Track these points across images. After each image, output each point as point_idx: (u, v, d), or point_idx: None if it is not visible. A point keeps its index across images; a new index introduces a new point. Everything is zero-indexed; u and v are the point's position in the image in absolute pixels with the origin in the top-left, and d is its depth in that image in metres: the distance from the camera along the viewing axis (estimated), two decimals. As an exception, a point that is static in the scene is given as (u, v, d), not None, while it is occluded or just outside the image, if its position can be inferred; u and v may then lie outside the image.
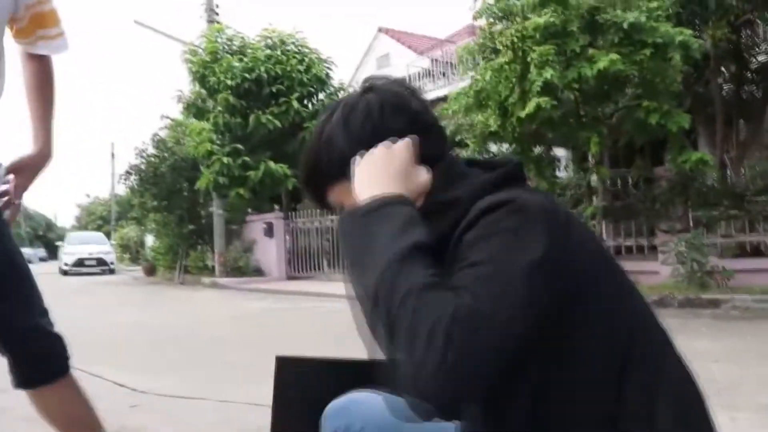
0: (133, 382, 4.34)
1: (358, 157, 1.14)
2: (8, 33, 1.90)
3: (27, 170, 1.96)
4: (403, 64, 22.32)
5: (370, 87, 1.22)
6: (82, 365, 4.82)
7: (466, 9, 9.79)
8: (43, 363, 1.93)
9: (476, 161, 1.23)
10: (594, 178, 10.65)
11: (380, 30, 27.85)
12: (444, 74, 20.09)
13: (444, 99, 11.82)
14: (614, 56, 8.16)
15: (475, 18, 9.81)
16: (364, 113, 1.17)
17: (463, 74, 10.67)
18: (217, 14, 19.17)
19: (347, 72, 26.71)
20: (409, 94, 1.21)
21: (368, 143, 1.14)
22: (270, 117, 15.74)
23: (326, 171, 1.21)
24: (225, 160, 15.68)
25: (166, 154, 18.47)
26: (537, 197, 1.03)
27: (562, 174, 12.41)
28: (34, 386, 1.94)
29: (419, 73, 21.03)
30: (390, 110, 1.17)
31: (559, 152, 12.42)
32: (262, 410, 2.24)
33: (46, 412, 2.00)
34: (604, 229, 10.69)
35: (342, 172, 1.17)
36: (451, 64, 18.41)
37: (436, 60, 21.01)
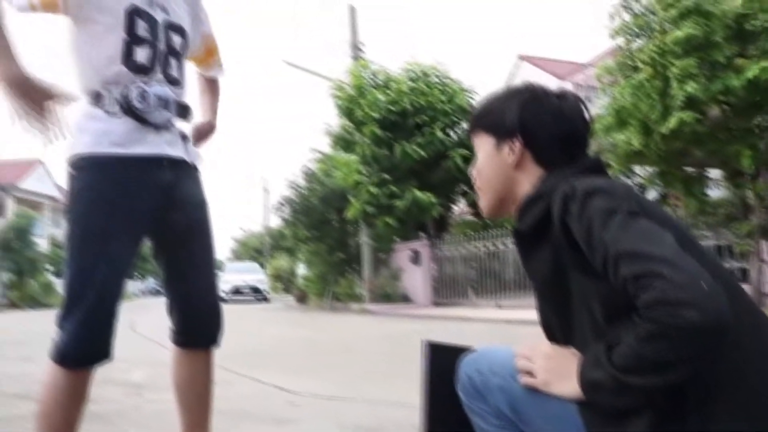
0: (290, 384, 4.69)
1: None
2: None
3: (200, 132, 2.48)
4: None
5: (558, 92, 1.52)
6: (245, 370, 5.30)
7: (603, 29, 9.69)
8: (206, 327, 2.25)
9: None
10: (749, 194, 10.13)
11: (521, 58, 27.84)
12: (587, 98, 19.75)
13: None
14: (766, 64, 7.82)
15: (612, 37, 9.71)
16: (538, 108, 1.48)
17: (603, 94, 10.53)
18: (361, 51, 19.90)
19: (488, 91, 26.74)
20: (583, 117, 1.50)
21: (525, 129, 1.46)
22: (415, 147, 16.05)
23: (488, 122, 1.53)
24: (372, 190, 16.16)
25: (316, 186, 19.29)
26: (610, 181, 1.31)
27: (713, 192, 11.89)
28: (190, 346, 2.25)
29: (562, 98, 20.71)
30: (558, 120, 1.46)
31: (711, 169, 11.93)
32: (410, 408, 2.37)
33: (180, 376, 2.26)
34: (764, 249, 10.12)
35: (491, 130, 1.51)
36: (594, 87, 18.11)
37: (579, 84, 20.70)
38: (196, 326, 2.24)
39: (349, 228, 19.42)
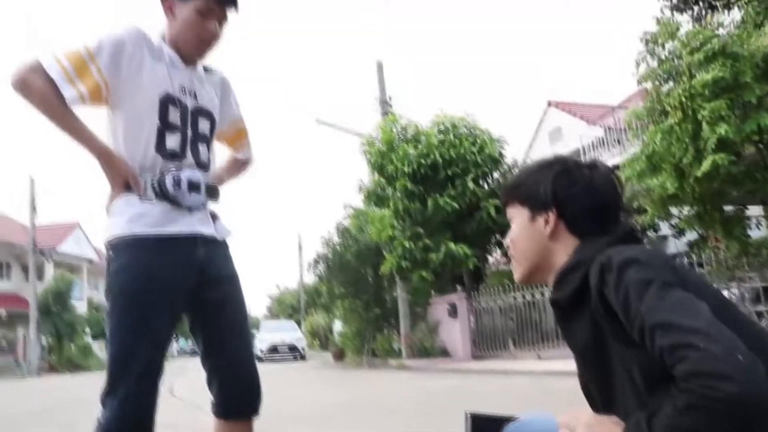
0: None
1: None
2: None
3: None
4: (575, 136, 22.02)
5: (593, 164, 1.56)
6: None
7: (631, 75, 9.70)
8: (246, 398, 2.29)
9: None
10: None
11: (550, 104, 27.88)
12: (619, 141, 19.67)
13: (619, 167, 11.64)
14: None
15: (640, 82, 9.71)
16: (571, 181, 1.50)
17: (634, 139, 10.48)
18: (390, 106, 20.10)
19: (520, 148, 26.84)
20: (613, 185, 1.54)
21: (559, 200, 1.49)
22: (447, 200, 16.06)
23: (522, 193, 1.56)
24: (406, 244, 16.11)
25: (350, 242, 19.37)
26: (646, 249, 1.31)
27: (754, 232, 11.66)
28: (231, 418, 2.28)
29: (592, 143, 20.70)
30: (590, 192, 1.49)
31: (752, 209, 11.73)
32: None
33: None
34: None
35: (528, 203, 1.54)
36: (625, 130, 18.04)
37: (609, 128, 20.61)
38: (236, 398, 2.28)
39: (385, 283, 19.37)
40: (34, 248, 28.65)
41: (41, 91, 2.07)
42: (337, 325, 26.62)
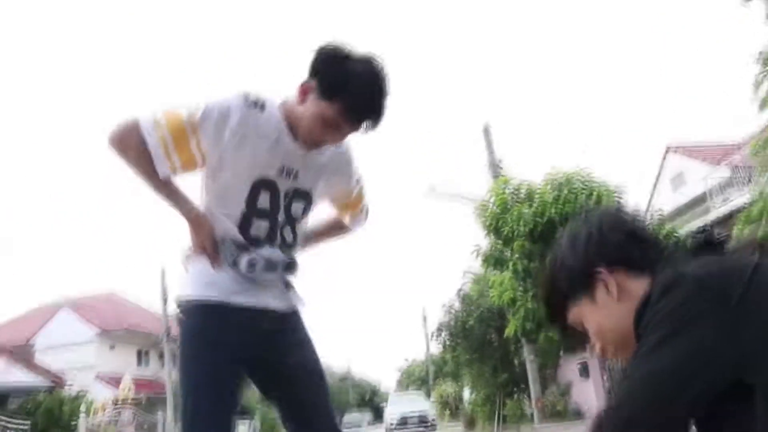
0: None
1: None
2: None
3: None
4: (699, 179, 21.13)
5: (589, 214, 1.46)
6: None
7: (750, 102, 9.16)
8: None
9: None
10: None
11: (668, 150, 26.90)
12: (749, 179, 18.63)
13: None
14: None
15: (761, 107, 9.14)
16: (586, 235, 1.38)
17: (762, 172, 9.83)
18: (500, 168, 19.99)
19: (640, 196, 25.90)
20: (624, 213, 1.44)
21: (595, 259, 1.34)
22: None
23: (563, 291, 1.40)
24: (529, 305, 15.66)
25: (472, 308, 19.09)
26: (705, 270, 1.14)
27: None
28: None
29: (719, 185, 19.73)
30: (608, 227, 1.36)
31: None
32: None
33: None
34: None
35: (577, 291, 1.38)
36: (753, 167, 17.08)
37: (736, 166, 19.59)
38: None
39: (511, 346, 18.90)
40: (167, 336, 29.84)
41: (136, 157, 2.05)
42: (466, 393, 26.11)
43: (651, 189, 27.34)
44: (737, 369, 1.05)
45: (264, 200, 2.14)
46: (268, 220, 2.16)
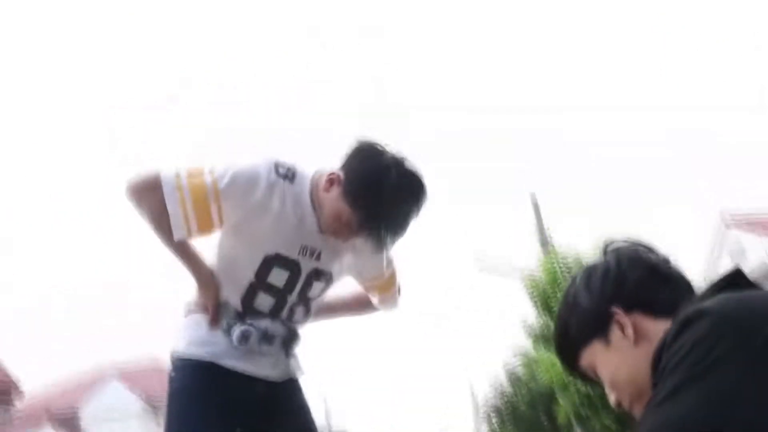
0: None
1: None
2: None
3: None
4: (761, 252, 20.42)
5: (607, 248, 1.30)
6: None
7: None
8: None
9: None
10: None
11: (724, 222, 25.96)
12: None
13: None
14: None
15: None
16: (603, 271, 1.26)
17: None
18: (550, 239, 19.64)
19: (693, 265, 25.02)
20: (646, 249, 1.28)
21: (611, 298, 1.22)
22: (621, 335, 15.13)
23: (576, 334, 1.28)
24: (582, 388, 15.09)
25: (523, 391, 18.57)
26: (729, 304, 0.99)
27: None
28: None
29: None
30: (627, 263, 1.24)
31: None
32: None
33: None
34: None
35: (591, 334, 1.25)
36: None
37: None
38: None
39: None
40: None
41: (154, 217, 2.02)
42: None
43: (706, 261, 26.38)
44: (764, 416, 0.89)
45: (278, 277, 2.07)
46: (275, 297, 2.10)
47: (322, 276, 2.14)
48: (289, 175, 2.02)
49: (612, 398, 1.29)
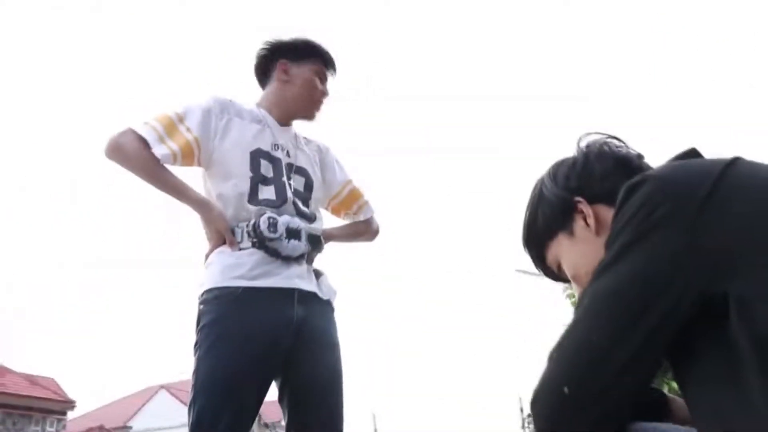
0: None
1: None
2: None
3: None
4: None
5: (580, 141, 1.25)
6: None
7: None
8: None
9: None
10: None
11: None
12: None
13: None
14: None
15: None
16: (570, 162, 1.22)
17: None
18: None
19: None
20: (618, 142, 1.23)
21: (575, 189, 1.18)
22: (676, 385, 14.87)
23: (541, 227, 1.23)
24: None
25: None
26: (671, 168, 0.98)
27: None
28: None
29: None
30: (595, 155, 1.20)
31: None
32: None
33: None
34: None
35: (556, 225, 1.21)
36: None
37: None
38: None
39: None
40: (259, 422, 30.01)
41: (135, 152, 2.06)
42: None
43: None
44: (707, 277, 0.85)
45: (266, 168, 2.15)
46: (273, 185, 2.14)
47: (299, 172, 2.26)
48: (229, 98, 2.25)
49: (576, 292, 1.24)
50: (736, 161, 0.93)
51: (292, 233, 2.08)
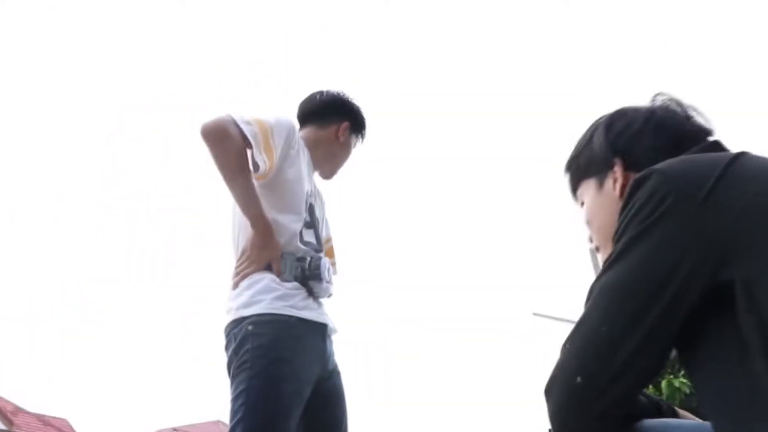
0: None
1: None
2: None
3: None
4: None
5: (655, 99, 1.22)
6: None
7: None
8: None
9: None
10: None
11: None
12: None
13: None
14: None
15: None
16: (629, 121, 1.18)
17: None
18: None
19: None
20: (686, 116, 1.17)
21: (619, 150, 1.16)
22: (682, 380, 14.71)
23: (582, 166, 1.25)
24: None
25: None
26: (676, 162, 0.98)
27: None
28: None
29: None
30: (653, 125, 1.16)
31: None
32: None
33: None
34: None
35: (592, 172, 1.22)
36: None
37: None
38: None
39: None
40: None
41: (238, 149, 2.02)
42: None
43: None
44: (713, 266, 0.88)
45: (310, 212, 2.22)
46: (313, 229, 2.21)
47: (322, 216, 2.34)
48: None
49: (588, 238, 1.29)
50: (742, 155, 0.96)
51: (328, 268, 2.18)
